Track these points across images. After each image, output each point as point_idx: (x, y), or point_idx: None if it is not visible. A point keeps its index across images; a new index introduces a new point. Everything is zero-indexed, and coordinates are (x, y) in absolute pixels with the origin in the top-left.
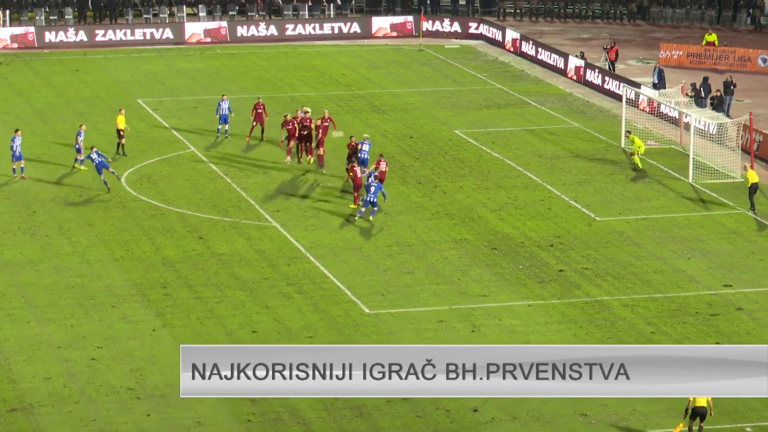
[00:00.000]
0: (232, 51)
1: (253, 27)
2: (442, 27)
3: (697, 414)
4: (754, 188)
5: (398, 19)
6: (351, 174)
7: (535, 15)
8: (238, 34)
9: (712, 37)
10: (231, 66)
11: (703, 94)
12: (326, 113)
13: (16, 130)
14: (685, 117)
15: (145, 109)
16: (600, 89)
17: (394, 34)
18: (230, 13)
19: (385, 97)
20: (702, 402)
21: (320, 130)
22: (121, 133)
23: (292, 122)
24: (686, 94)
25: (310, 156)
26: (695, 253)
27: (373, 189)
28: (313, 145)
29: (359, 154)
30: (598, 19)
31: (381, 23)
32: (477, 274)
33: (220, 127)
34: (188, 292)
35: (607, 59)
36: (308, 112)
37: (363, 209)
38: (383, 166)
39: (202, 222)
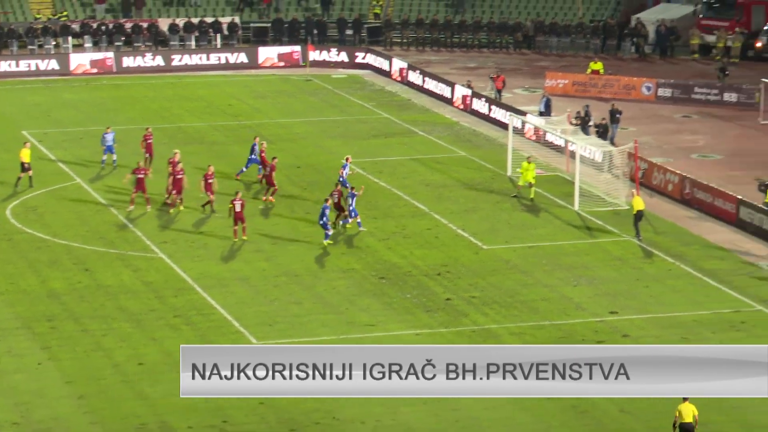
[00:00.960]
0: (118, 82)
1: (139, 57)
2: (329, 56)
3: (685, 430)
4: (639, 215)
5: (285, 49)
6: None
7: (422, 44)
8: (124, 65)
9: (598, 66)
10: (117, 97)
11: (590, 122)
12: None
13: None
14: (571, 145)
15: (31, 140)
16: (486, 118)
17: (282, 63)
18: (116, 43)
19: (272, 127)
20: (689, 418)
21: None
22: (26, 165)
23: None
24: (572, 123)
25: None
26: (581, 281)
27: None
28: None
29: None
30: (484, 48)
31: (268, 53)
32: (365, 304)
33: (105, 158)
34: (74, 325)
35: (493, 88)
36: (263, 144)
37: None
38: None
39: (88, 254)
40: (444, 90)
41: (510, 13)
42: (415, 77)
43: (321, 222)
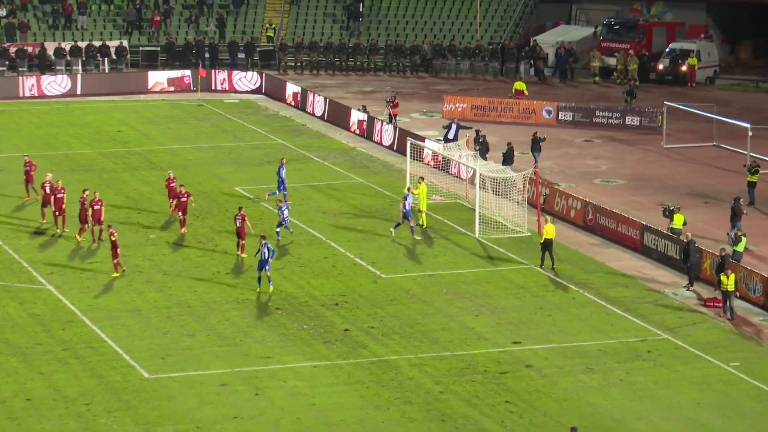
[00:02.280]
0: (2, 108)
1: (23, 81)
2: (222, 81)
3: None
4: (547, 243)
5: (175, 74)
6: None
7: (317, 68)
8: (8, 91)
9: (521, 86)
10: (2, 123)
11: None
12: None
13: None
14: (470, 171)
15: None
16: (383, 143)
17: (172, 88)
18: (0, 68)
19: (162, 154)
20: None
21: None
22: None
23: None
24: (472, 148)
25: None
26: (483, 310)
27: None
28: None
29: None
30: (380, 72)
31: (157, 78)
32: (260, 335)
33: None
34: None
35: (390, 112)
36: (174, 180)
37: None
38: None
39: None
40: (340, 115)
41: (407, 35)
42: (309, 101)
43: (404, 210)
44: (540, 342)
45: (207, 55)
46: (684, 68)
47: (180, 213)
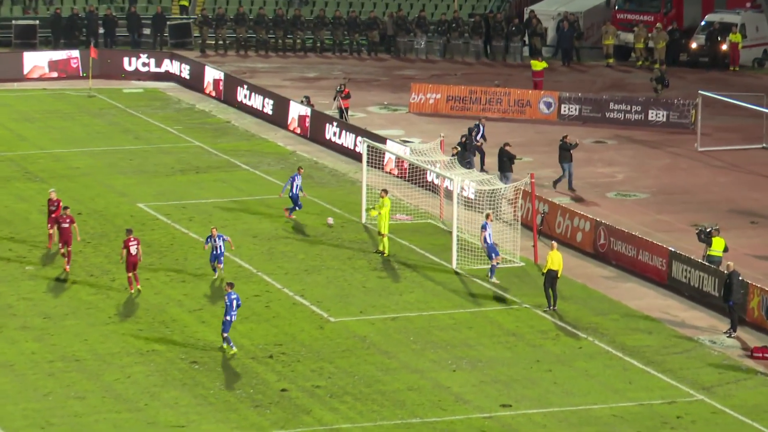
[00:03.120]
0: None
1: None
2: (121, 64)
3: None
4: (552, 276)
5: (60, 55)
6: None
7: (245, 47)
8: None
9: (540, 65)
10: None
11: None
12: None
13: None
14: (446, 182)
15: None
16: (332, 145)
17: (55, 74)
18: None
19: (42, 160)
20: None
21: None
22: None
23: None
24: (460, 147)
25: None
26: (463, 363)
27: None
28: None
29: None
30: (328, 53)
31: (36, 60)
32: (171, 397)
33: None
34: None
35: (340, 105)
36: (51, 193)
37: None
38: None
39: None
40: (275, 108)
41: (362, 5)
42: (235, 91)
43: (487, 244)
44: (537, 405)
45: (101, 30)
46: (724, 47)
47: (62, 245)
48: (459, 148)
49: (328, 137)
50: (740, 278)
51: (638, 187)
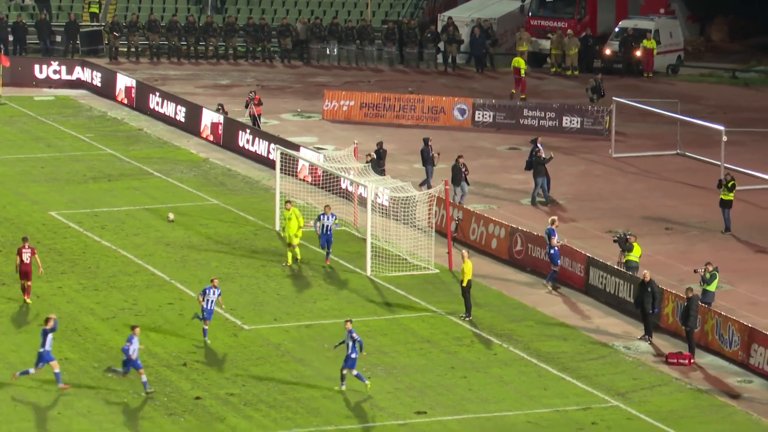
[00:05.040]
0: None
1: None
2: (32, 72)
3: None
4: (469, 285)
5: None
6: None
7: (157, 55)
8: None
9: (520, 63)
10: None
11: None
12: None
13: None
14: (360, 189)
15: None
16: (245, 153)
17: None
18: None
19: None
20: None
21: None
22: None
23: None
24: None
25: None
26: (377, 371)
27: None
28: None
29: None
30: (241, 60)
31: None
32: (84, 406)
33: None
34: None
35: (253, 113)
36: None
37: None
38: None
39: None
40: (188, 116)
41: (275, 12)
42: (147, 99)
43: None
44: (452, 412)
45: (10, 37)
46: (638, 53)
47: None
48: (373, 155)
49: (241, 144)
50: (656, 286)
51: (553, 194)
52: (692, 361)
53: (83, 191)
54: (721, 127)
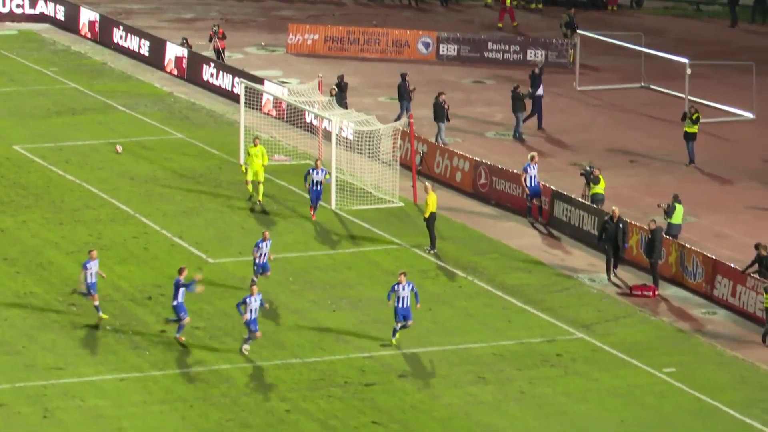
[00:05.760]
0: None
1: None
2: None
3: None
4: (433, 218)
5: None
6: None
7: None
8: None
9: None
10: None
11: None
12: None
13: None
14: (325, 122)
15: None
16: (210, 87)
17: None
18: None
19: None
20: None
21: None
22: None
23: None
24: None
25: None
26: (342, 304)
27: None
28: None
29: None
30: None
31: None
32: (49, 341)
33: None
34: None
35: (216, 46)
36: None
37: None
38: None
39: None
40: (152, 50)
41: None
42: (111, 33)
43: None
44: (417, 344)
45: None
46: None
47: None
48: (336, 89)
49: (205, 78)
50: (623, 219)
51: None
52: (656, 293)
53: (47, 125)
54: (685, 60)
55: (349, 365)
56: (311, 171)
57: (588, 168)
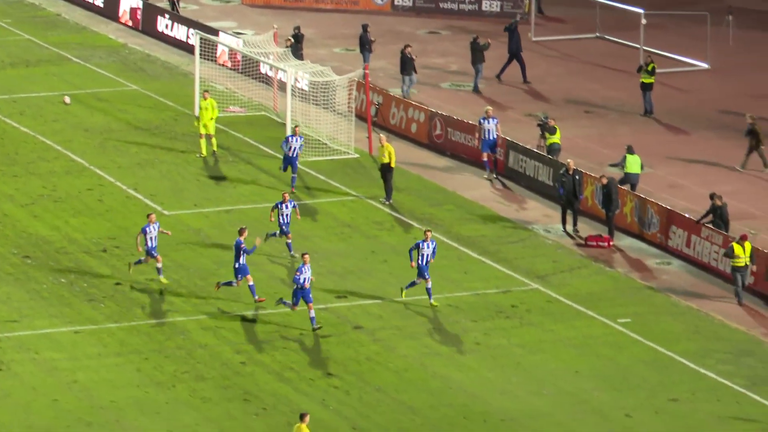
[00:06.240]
0: None
1: None
2: None
3: None
4: (387, 169)
5: None
6: None
7: None
8: None
9: None
10: None
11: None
12: None
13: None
14: (280, 74)
15: None
16: (164, 38)
17: None
18: None
19: None
20: None
21: None
22: None
23: None
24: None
25: None
26: (298, 255)
27: None
28: None
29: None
30: None
31: None
32: (3, 293)
33: None
34: None
35: None
36: None
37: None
38: None
39: None
40: (106, 1)
41: None
42: None
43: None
44: (372, 296)
45: None
46: None
47: None
48: (292, 40)
49: (160, 30)
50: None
51: (472, 78)
52: (612, 243)
53: (1, 77)
54: (641, 10)
55: (305, 317)
56: (290, 138)
57: (543, 118)
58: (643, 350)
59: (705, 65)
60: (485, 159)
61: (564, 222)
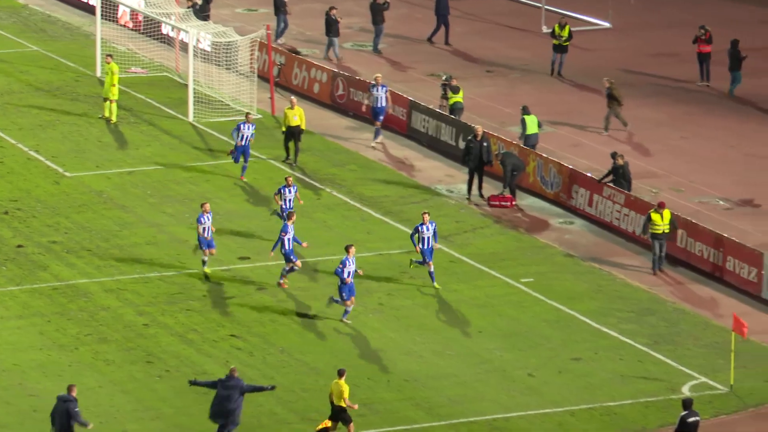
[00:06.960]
0: None
1: None
2: None
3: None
4: (293, 132)
5: None
6: None
7: None
8: None
9: None
10: None
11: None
12: None
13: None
14: (182, 35)
15: None
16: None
17: None
18: None
19: None
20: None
21: None
22: None
23: None
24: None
25: None
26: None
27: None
28: None
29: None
30: None
31: None
32: None
33: None
34: None
35: None
36: None
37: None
38: None
39: None
40: None
41: None
42: None
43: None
44: (276, 257)
45: None
46: None
47: None
48: (197, 1)
49: None
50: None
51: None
52: (514, 203)
53: None
54: None
55: (209, 277)
56: (241, 126)
57: (446, 78)
58: (545, 309)
59: (607, 24)
60: (377, 126)
61: (470, 188)
